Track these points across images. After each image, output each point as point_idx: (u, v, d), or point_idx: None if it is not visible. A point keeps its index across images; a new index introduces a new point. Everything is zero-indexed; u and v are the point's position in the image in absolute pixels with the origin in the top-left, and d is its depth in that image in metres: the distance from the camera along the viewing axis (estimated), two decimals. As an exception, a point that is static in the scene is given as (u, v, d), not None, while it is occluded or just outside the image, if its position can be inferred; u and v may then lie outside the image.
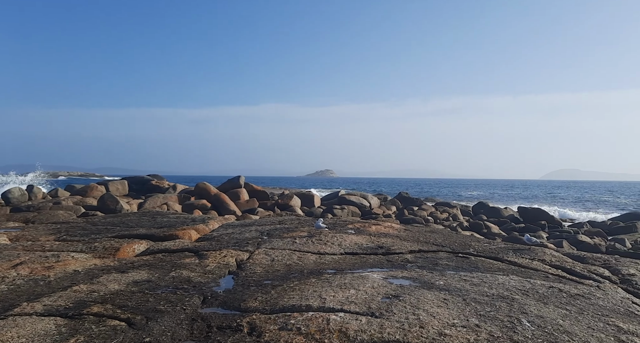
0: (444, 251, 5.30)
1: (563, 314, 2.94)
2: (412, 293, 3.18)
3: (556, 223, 18.14)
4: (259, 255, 4.49)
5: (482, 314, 2.83)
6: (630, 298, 3.62)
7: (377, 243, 5.34)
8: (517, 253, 5.25)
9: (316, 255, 4.60)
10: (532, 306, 3.04)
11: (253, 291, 3.27)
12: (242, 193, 16.13)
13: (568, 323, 2.75)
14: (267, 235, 5.63)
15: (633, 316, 3.09)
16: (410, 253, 5.04)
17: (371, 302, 2.94)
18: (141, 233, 5.67)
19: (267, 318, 2.68)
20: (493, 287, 3.50)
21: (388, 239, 5.68)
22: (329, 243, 5.13)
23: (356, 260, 4.53)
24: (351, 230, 6.22)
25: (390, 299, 3.02)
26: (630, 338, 2.59)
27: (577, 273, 4.43)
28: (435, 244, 5.72)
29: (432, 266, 4.38)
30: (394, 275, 3.81)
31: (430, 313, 2.76)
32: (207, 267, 3.99)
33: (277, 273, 3.87)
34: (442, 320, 2.67)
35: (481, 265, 4.54)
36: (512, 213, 19.85)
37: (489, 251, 5.36)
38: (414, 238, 6.09)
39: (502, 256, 5.04)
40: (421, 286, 3.41)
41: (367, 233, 6.05)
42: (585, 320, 2.87)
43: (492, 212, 19.97)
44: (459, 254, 5.10)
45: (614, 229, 16.59)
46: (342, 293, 3.12)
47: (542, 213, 18.82)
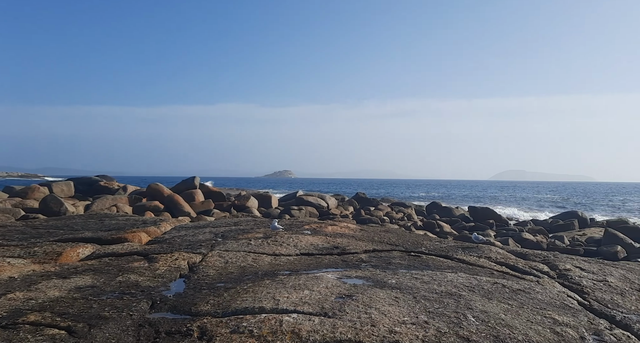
0: (398, 250, 5.43)
1: (505, 309, 3.10)
2: (365, 292, 3.23)
3: (503, 221, 19.06)
4: (213, 257, 4.39)
5: (431, 311, 2.92)
6: (566, 291, 3.87)
7: (333, 244, 5.39)
8: (465, 251, 5.46)
9: (271, 257, 4.57)
10: (477, 302, 3.17)
11: (205, 294, 3.20)
12: (197, 194, 15.74)
13: (509, 317, 2.89)
14: (221, 236, 5.52)
15: (567, 308, 3.30)
16: (365, 252, 5.13)
17: (325, 302, 2.96)
18: (87, 236, 5.39)
19: (219, 321, 2.63)
20: (442, 284, 3.63)
21: (344, 239, 5.74)
22: (284, 244, 5.11)
23: (311, 261, 4.54)
24: (307, 230, 6.23)
25: (343, 299, 3.05)
26: (564, 329, 2.77)
27: (520, 269, 4.68)
28: (389, 243, 5.85)
29: (385, 265, 4.47)
30: (348, 274, 3.86)
31: (381, 312, 2.82)
32: (157, 271, 3.86)
33: (230, 275, 3.81)
34: (393, 318, 2.74)
35: (432, 263, 4.69)
36: (463, 213, 20.66)
37: (440, 250, 5.55)
38: (369, 237, 6.19)
39: (452, 255, 5.23)
40: (374, 285, 3.47)
41: (323, 233, 6.09)
42: (525, 313, 3.03)
43: (444, 212, 20.69)
44: (412, 253, 5.24)
45: (554, 227, 17.67)
46: (296, 294, 3.12)
47: (491, 213, 19.72)
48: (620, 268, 4.92)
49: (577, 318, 3.05)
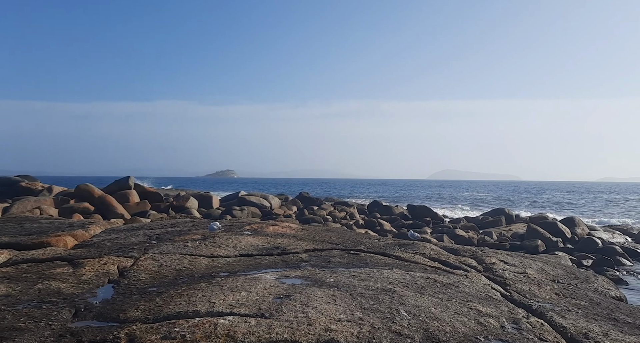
0: (338, 249, 5.52)
1: (436, 302, 3.25)
2: (303, 291, 3.24)
3: (439, 219, 19.99)
4: (146, 260, 4.20)
5: (366, 307, 3.00)
6: (490, 284, 4.15)
7: (274, 244, 5.36)
8: (402, 248, 5.67)
9: (209, 258, 4.46)
10: (410, 297, 3.30)
11: (135, 299, 3.05)
12: (132, 195, 14.96)
13: (439, 311, 3.04)
14: (156, 239, 5.29)
15: (491, 300, 3.53)
16: (305, 252, 5.15)
17: (262, 303, 2.94)
18: (3, 241, 4.93)
19: (149, 327, 2.51)
20: (378, 281, 3.74)
21: (285, 239, 5.73)
22: (223, 245, 5.00)
23: (251, 262, 4.49)
24: (248, 231, 6.15)
25: (281, 299, 3.05)
26: (486, 319, 2.96)
27: (451, 265, 4.94)
28: (330, 242, 5.93)
29: (325, 264, 4.52)
30: (287, 274, 3.86)
31: (318, 310, 2.85)
32: (83, 277, 3.62)
33: (164, 279, 3.66)
34: (329, 316, 2.77)
35: (370, 261, 4.82)
36: (402, 211, 21.41)
37: (378, 247, 5.71)
38: (310, 237, 6.23)
39: (389, 252, 5.41)
40: (312, 285, 3.50)
41: (264, 233, 6.04)
42: (453, 306, 3.20)
43: (385, 210, 21.31)
44: (351, 251, 5.35)
45: (484, 223, 18.82)
46: (232, 296, 3.06)
47: (428, 211, 20.60)
48: (538, 261, 5.35)
49: (499, 308, 3.28)
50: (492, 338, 2.67)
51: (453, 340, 2.59)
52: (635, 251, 12.79)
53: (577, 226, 15.72)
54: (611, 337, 2.76)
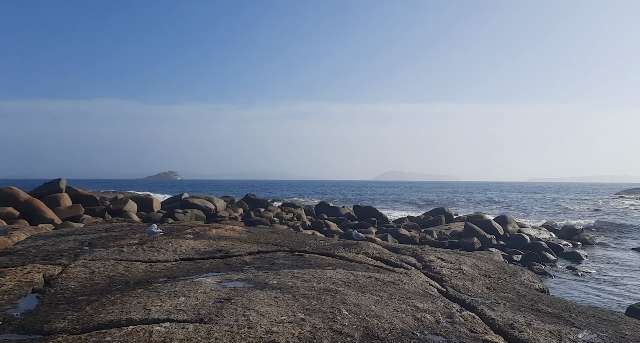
0: (283, 250, 5.50)
1: (376, 300, 3.34)
2: (245, 294, 3.20)
3: (384, 219, 20.55)
4: (76, 268, 3.94)
5: (308, 308, 3.01)
6: (428, 281, 4.32)
7: (216, 247, 5.24)
8: (346, 248, 5.76)
9: (146, 264, 4.27)
10: (351, 296, 3.36)
11: (62, 309, 2.85)
12: (63, 199, 13.98)
13: (379, 308, 3.13)
14: (88, 244, 4.99)
15: (428, 296, 3.68)
16: (249, 254, 5.09)
17: (201, 308, 2.86)
18: None
19: (77, 338, 2.36)
20: (321, 281, 3.77)
21: (228, 242, 5.62)
22: (162, 249, 4.81)
23: (192, 266, 4.36)
24: (189, 234, 5.97)
25: (222, 303, 2.99)
26: (423, 315, 3.08)
27: (392, 263, 5.09)
28: (275, 244, 5.89)
29: (268, 266, 4.49)
30: (229, 278, 3.78)
31: (260, 313, 2.82)
32: (3, 287, 3.33)
33: (96, 286, 3.45)
34: (271, 318, 2.76)
35: (314, 262, 4.85)
36: (349, 211, 21.77)
37: (323, 248, 5.76)
38: (255, 239, 6.16)
39: (334, 252, 5.48)
40: (255, 287, 3.46)
41: (206, 237, 5.88)
42: (393, 303, 3.30)
43: (332, 211, 21.57)
44: (296, 252, 5.35)
45: (426, 222, 19.61)
46: (170, 301, 2.96)
47: (373, 211, 21.11)
48: (472, 257, 5.66)
49: (435, 304, 3.42)
50: (428, 332, 2.78)
51: (391, 336, 2.67)
52: (559, 247, 13.91)
53: (509, 224, 16.81)
54: (533, 326, 2.98)
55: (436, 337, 2.71)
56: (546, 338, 2.77)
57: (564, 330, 2.91)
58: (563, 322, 3.15)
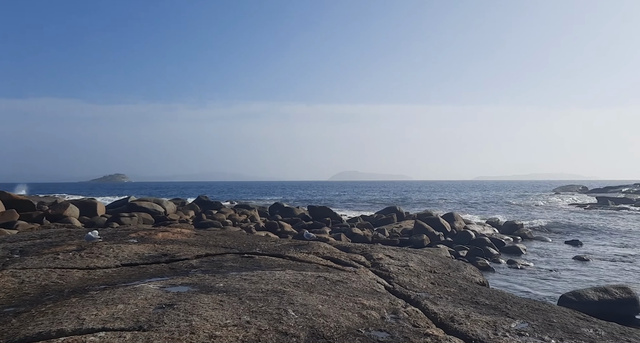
0: (232, 252, 5.41)
1: (323, 300, 3.36)
2: (188, 299, 3.11)
3: (338, 218, 20.76)
4: (3, 277, 3.66)
5: (255, 310, 2.98)
6: (376, 278, 4.41)
7: (162, 251, 5.06)
8: (297, 249, 5.76)
9: (84, 271, 4.04)
10: (299, 296, 3.36)
11: (-15, 324, 2.63)
12: (-5, 204, 12.96)
13: (326, 307, 3.15)
14: (20, 252, 4.65)
15: (375, 293, 3.76)
16: (196, 258, 4.95)
17: (141, 315, 2.74)
18: None
19: (0, 354, 2.19)
20: (269, 283, 3.74)
21: (175, 245, 5.45)
22: (102, 255, 4.58)
23: (134, 272, 4.18)
24: (134, 238, 5.72)
25: (163, 309, 2.88)
26: (369, 312, 3.14)
27: (342, 262, 5.15)
28: (224, 246, 5.78)
29: (216, 269, 4.40)
30: (173, 282, 3.66)
31: (204, 317, 2.75)
32: None
33: (25, 297, 3.22)
34: (215, 322, 2.70)
35: (264, 263, 4.81)
36: (303, 212, 21.80)
37: (274, 249, 5.72)
38: (204, 242, 6.01)
39: (284, 253, 5.46)
40: (200, 291, 3.37)
41: (152, 241, 5.67)
42: (340, 302, 3.34)
43: (286, 212, 21.50)
44: (245, 254, 5.28)
45: (378, 221, 20.02)
46: (107, 309, 2.81)
47: (327, 211, 21.28)
48: (419, 254, 5.84)
49: (381, 301, 3.50)
50: (373, 329, 2.84)
51: (337, 335, 2.69)
52: (501, 242, 14.68)
53: (456, 221, 17.53)
54: (472, 318, 3.12)
55: (380, 333, 2.77)
56: (482, 328, 2.91)
57: (499, 321, 3.07)
58: (499, 312, 3.33)
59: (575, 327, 3.03)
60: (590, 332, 2.95)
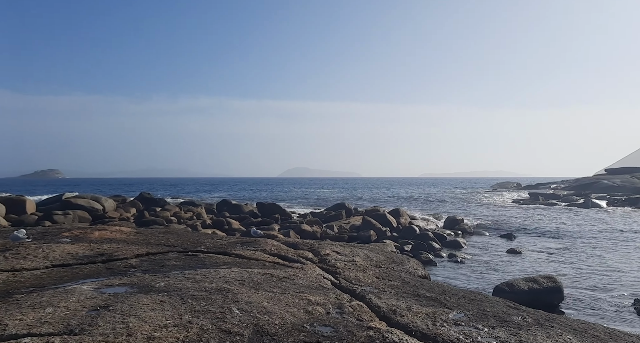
0: (175, 251, 5.23)
1: (269, 297, 3.33)
2: (126, 300, 2.96)
3: (287, 215, 20.72)
4: None
5: (197, 309, 2.89)
6: (323, 274, 4.45)
7: (98, 251, 4.79)
8: (244, 246, 5.67)
9: (8, 273, 3.73)
10: (244, 294, 3.31)
11: None
12: None
13: (271, 304, 3.12)
14: None
15: (321, 289, 3.79)
16: (136, 257, 4.74)
17: (72, 318, 2.58)
18: None
19: None
20: (214, 281, 3.65)
21: (113, 245, 5.18)
22: (30, 256, 4.25)
23: (66, 273, 3.92)
24: (67, 238, 5.37)
25: (97, 311, 2.73)
26: (314, 307, 3.15)
27: (289, 259, 5.14)
28: (167, 245, 5.58)
29: (157, 268, 4.23)
30: (110, 283, 3.48)
31: (142, 319, 2.64)
32: None
33: (-63, 304, 2.92)
34: (154, 323, 2.59)
35: (208, 261, 4.69)
36: (252, 209, 21.52)
37: (219, 247, 5.60)
38: (145, 240, 5.77)
39: (230, 250, 5.36)
40: (139, 292, 3.23)
41: (87, 240, 5.35)
42: (286, 298, 3.33)
43: (234, 209, 21.11)
44: (189, 252, 5.13)
45: (327, 217, 20.20)
46: (33, 314, 2.62)
47: (277, 208, 21.16)
48: (365, 249, 5.97)
49: (327, 296, 3.53)
50: (317, 324, 2.85)
51: (281, 331, 2.68)
52: (443, 236, 15.35)
53: (401, 217, 18.09)
54: (413, 310, 3.23)
55: (325, 328, 2.79)
56: (422, 320, 3.02)
57: (438, 312, 3.20)
58: (438, 304, 3.47)
59: (506, 315, 3.22)
60: (519, 319, 3.15)
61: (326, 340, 2.57)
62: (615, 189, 39.77)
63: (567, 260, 11.60)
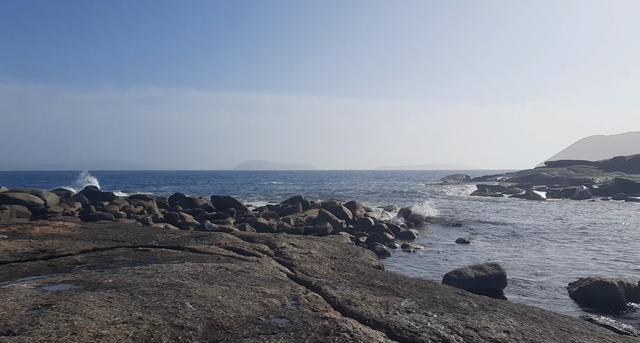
0: (125, 246, 5.03)
1: (224, 290, 3.29)
2: (70, 298, 2.82)
3: (243, 208, 20.48)
4: None
5: (148, 305, 2.81)
6: (279, 266, 4.45)
7: (39, 247, 4.51)
8: (198, 240, 5.55)
9: None
10: (198, 288, 3.25)
11: None
12: None
13: (225, 298, 3.09)
14: None
15: (277, 281, 3.79)
16: (82, 253, 4.51)
17: (10, 318, 2.42)
18: None
19: None
20: (166, 276, 3.55)
21: (56, 240, 4.90)
22: (-39, 254, 3.94)
23: (3, 271, 3.66)
24: (4, 234, 5.02)
25: (39, 310, 2.58)
26: (270, 300, 3.15)
27: (245, 252, 5.09)
28: (116, 240, 5.36)
29: (105, 264, 4.06)
30: (53, 281, 3.29)
31: (88, 316, 2.52)
32: None
33: None
34: (101, 321, 2.49)
35: (160, 256, 4.55)
36: (206, 202, 21.08)
37: (172, 241, 5.45)
38: (91, 236, 5.51)
39: (183, 245, 5.23)
40: (84, 289, 3.08)
41: (27, 236, 5.03)
42: (241, 292, 3.30)
43: (188, 203, 20.60)
44: (139, 247, 4.95)
45: (284, 210, 20.18)
46: (-35, 316, 2.43)
47: (232, 201, 20.85)
48: (321, 241, 6.02)
49: (283, 288, 3.53)
50: (273, 316, 2.85)
51: (236, 325, 2.66)
52: (397, 227, 15.79)
53: (357, 209, 18.41)
54: (367, 300, 3.31)
55: (280, 320, 2.80)
56: (376, 309, 3.11)
57: (391, 300, 3.30)
58: (391, 293, 3.58)
59: (454, 301, 3.38)
60: (466, 305, 3.32)
61: (281, 332, 2.58)
62: (554, 181, 42.55)
63: (511, 248, 12.31)
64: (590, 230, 15.57)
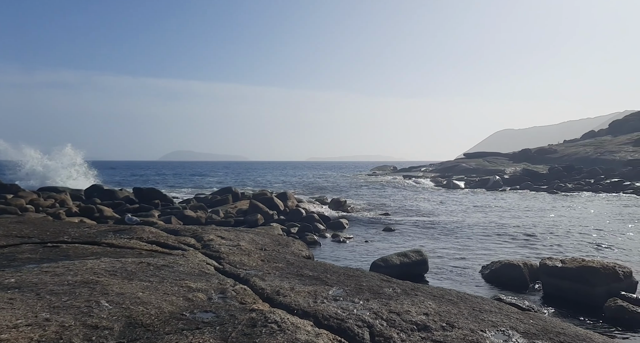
0: (31, 242, 4.57)
1: (145, 286, 3.11)
2: (-39, 303, 2.50)
3: (168, 201, 19.57)
4: None
5: (57, 305, 2.58)
6: (206, 260, 4.31)
7: None
8: (116, 235, 5.20)
9: None
10: (115, 285, 3.04)
11: None
12: None
13: (147, 294, 2.92)
14: None
15: (203, 275, 3.67)
16: (-22, 251, 4.02)
17: None
18: None
19: None
20: (79, 274, 3.28)
21: (-55, 238, 4.31)
22: None
23: None
24: None
25: None
26: (195, 294, 3.04)
27: (169, 246, 4.86)
28: (20, 236, 4.85)
29: (7, 262, 3.65)
30: (-61, 284, 2.89)
31: (-17, 322, 2.25)
32: None
33: None
34: (1, 324, 2.23)
35: (73, 252, 4.20)
36: (127, 195, 19.84)
37: (87, 236, 5.05)
38: (-10, 232, 4.92)
39: (100, 240, 4.87)
40: (-20, 291, 2.74)
41: None
42: (164, 287, 3.14)
43: (106, 195, 19.25)
44: (49, 243, 4.52)
45: (213, 202, 19.62)
46: None
47: (157, 193, 19.82)
48: (250, 233, 5.93)
49: (209, 282, 3.43)
50: (198, 311, 2.75)
51: (158, 321, 2.53)
52: (328, 218, 16.07)
53: (289, 200, 18.42)
54: (296, 290, 3.32)
55: (206, 314, 2.71)
56: (304, 298, 3.12)
57: (319, 289, 3.34)
58: (319, 282, 3.62)
59: (379, 288, 3.51)
60: (390, 290, 3.46)
61: (206, 326, 2.50)
62: (471, 171, 45.87)
63: (433, 235, 13.09)
64: (505, 219, 17.02)
